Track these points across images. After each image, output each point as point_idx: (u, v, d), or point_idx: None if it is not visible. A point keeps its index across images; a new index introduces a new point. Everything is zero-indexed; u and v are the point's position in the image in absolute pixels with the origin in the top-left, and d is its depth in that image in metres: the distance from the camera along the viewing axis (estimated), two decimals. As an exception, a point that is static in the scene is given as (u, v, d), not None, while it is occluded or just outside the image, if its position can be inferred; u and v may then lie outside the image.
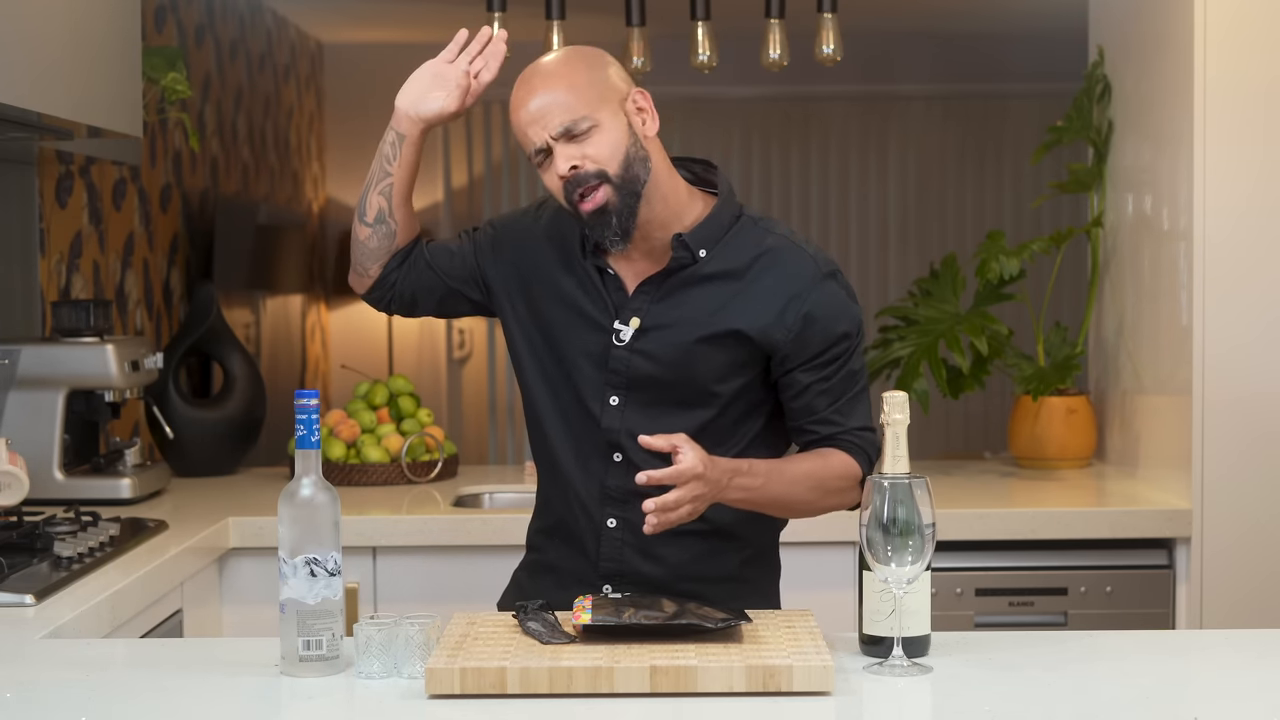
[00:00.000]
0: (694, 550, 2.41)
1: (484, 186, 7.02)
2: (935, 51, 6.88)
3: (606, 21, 3.89)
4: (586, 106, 2.28)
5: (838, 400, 2.39)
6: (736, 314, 2.35)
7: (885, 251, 7.12)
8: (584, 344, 2.39)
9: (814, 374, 2.37)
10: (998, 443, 5.08)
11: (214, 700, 1.99)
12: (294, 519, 2.04)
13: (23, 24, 2.74)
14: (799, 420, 2.40)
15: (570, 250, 2.42)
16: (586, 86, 2.29)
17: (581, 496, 2.42)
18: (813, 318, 2.35)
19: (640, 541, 2.39)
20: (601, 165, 2.28)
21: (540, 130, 2.29)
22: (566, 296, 2.41)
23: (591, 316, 2.39)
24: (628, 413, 2.38)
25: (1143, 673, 2.09)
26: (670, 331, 2.36)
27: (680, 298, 2.36)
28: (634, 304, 2.37)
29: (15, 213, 3.56)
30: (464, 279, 2.50)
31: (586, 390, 2.39)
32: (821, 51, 3.70)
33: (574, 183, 2.28)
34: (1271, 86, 3.42)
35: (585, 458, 2.41)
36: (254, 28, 5.63)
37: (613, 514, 2.41)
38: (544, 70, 2.32)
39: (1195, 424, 3.45)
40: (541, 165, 2.32)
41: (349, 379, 6.32)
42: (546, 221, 2.47)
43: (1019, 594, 3.44)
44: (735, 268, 2.36)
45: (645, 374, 2.37)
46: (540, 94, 2.29)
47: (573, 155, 2.27)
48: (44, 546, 2.78)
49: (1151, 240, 3.73)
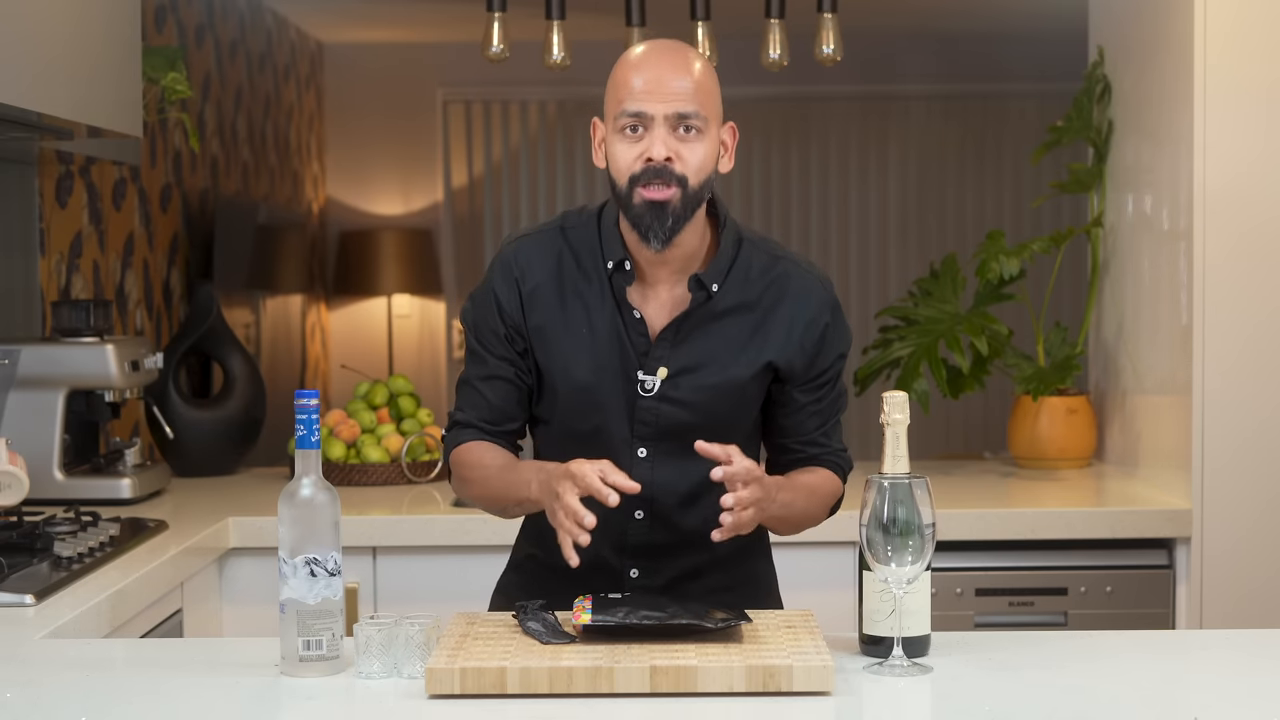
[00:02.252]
0: (713, 575, 2.43)
1: (484, 186, 7.02)
2: (935, 51, 6.88)
3: (606, 21, 3.89)
4: (707, 110, 2.26)
5: (825, 423, 2.41)
6: (763, 346, 2.35)
7: (885, 251, 7.12)
8: (608, 399, 2.33)
9: (810, 394, 2.39)
10: (998, 443, 5.09)
11: (214, 700, 1.99)
12: (294, 519, 2.04)
13: (23, 24, 2.74)
14: (786, 438, 2.41)
15: (588, 302, 2.35)
16: (714, 95, 2.29)
17: (599, 550, 2.34)
18: (825, 340, 2.37)
19: (664, 581, 2.40)
20: (688, 172, 2.25)
21: (659, 103, 2.23)
22: (586, 351, 2.35)
23: (614, 367, 2.34)
24: (657, 465, 2.36)
25: (1143, 673, 2.09)
26: (698, 374, 2.34)
27: (700, 337, 2.34)
28: (658, 351, 2.34)
29: (15, 213, 3.56)
30: (524, 376, 2.41)
31: (613, 445, 2.34)
32: (821, 51, 3.70)
33: (655, 172, 2.24)
34: (1272, 86, 3.42)
35: (606, 515, 2.28)
36: (254, 28, 5.63)
37: (634, 565, 2.40)
38: (687, 56, 2.28)
39: (1195, 424, 3.45)
40: (625, 132, 2.25)
41: (349, 379, 6.33)
42: (543, 274, 2.37)
43: (1019, 594, 3.44)
44: (749, 300, 2.35)
45: (677, 422, 2.33)
46: (681, 73, 2.25)
47: (674, 146, 2.24)
48: (44, 546, 2.78)
49: (1151, 240, 3.73)
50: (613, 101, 2.27)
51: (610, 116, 2.28)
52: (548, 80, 5.35)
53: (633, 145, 2.25)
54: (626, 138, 2.25)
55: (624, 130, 2.25)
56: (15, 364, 3.36)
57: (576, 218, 2.40)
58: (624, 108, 2.25)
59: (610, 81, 2.30)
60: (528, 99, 6.91)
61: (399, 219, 6.92)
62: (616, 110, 2.26)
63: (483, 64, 3.78)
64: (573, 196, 7.03)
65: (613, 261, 2.33)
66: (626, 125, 2.25)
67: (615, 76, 2.29)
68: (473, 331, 2.41)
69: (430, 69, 6.89)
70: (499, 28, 3.63)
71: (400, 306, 6.92)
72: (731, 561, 2.45)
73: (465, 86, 6.92)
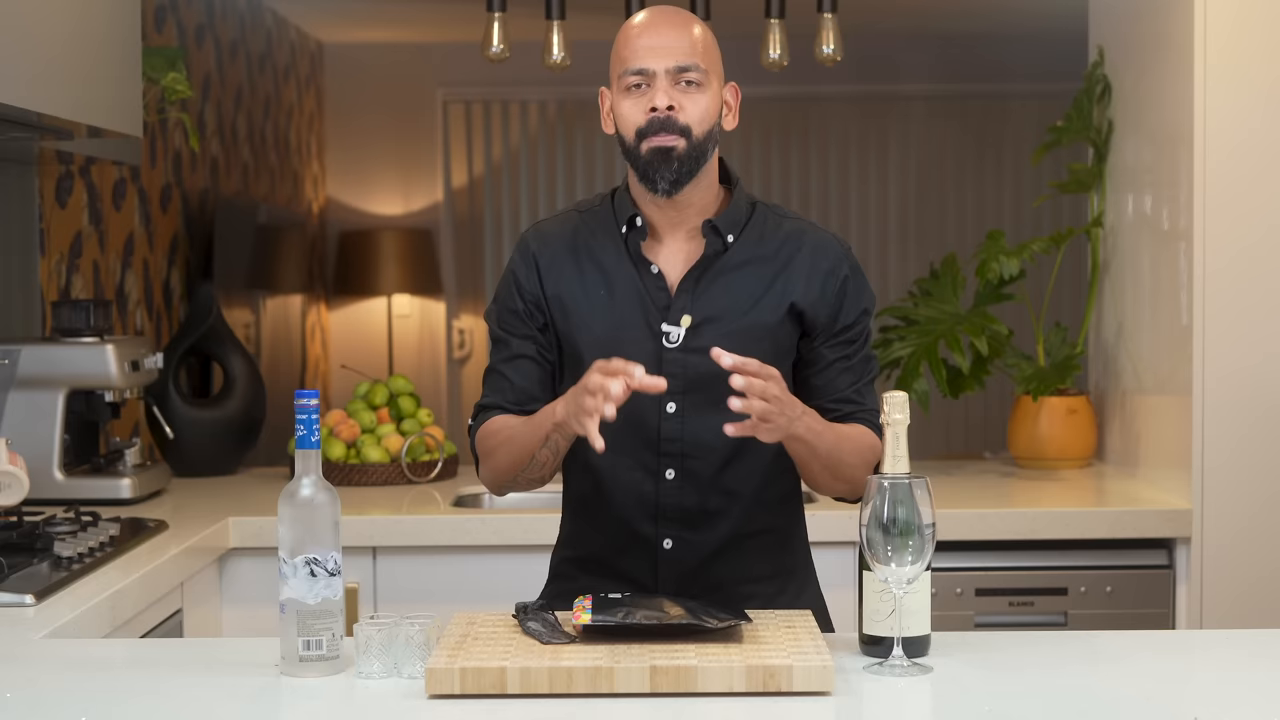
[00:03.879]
0: (748, 553, 2.41)
1: (484, 186, 7.01)
2: (935, 51, 6.88)
3: (606, 21, 3.88)
4: (706, 64, 2.35)
5: (858, 381, 2.42)
6: (784, 292, 2.38)
7: (885, 251, 7.12)
8: (632, 356, 2.28)
9: (839, 350, 2.40)
10: (998, 443, 5.08)
11: (214, 700, 1.99)
12: (294, 519, 2.04)
13: (23, 24, 2.74)
14: (820, 398, 2.40)
15: (605, 266, 2.39)
16: (712, 50, 2.37)
17: (630, 518, 2.37)
18: (846, 290, 2.41)
19: (698, 557, 2.38)
20: (690, 123, 2.32)
21: (659, 59, 2.32)
22: (604, 307, 2.37)
23: (636, 322, 2.36)
24: (686, 420, 2.36)
25: (1143, 673, 2.09)
26: (721, 322, 2.36)
27: (720, 288, 2.37)
28: (679, 302, 2.36)
29: (15, 213, 3.56)
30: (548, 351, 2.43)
31: (641, 402, 2.30)
32: (821, 51, 3.70)
33: (660, 123, 2.31)
34: (1272, 87, 3.42)
35: (637, 480, 2.36)
36: (254, 28, 5.63)
37: (667, 534, 2.39)
38: (686, 17, 2.38)
39: (1195, 424, 3.45)
40: (629, 90, 2.34)
41: (349, 379, 6.32)
42: (560, 245, 2.42)
43: (1019, 594, 3.44)
44: (765, 253, 2.39)
45: (705, 371, 2.31)
46: (677, 30, 2.34)
47: (676, 98, 2.32)
48: (44, 546, 2.78)
49: (1151, 240, 3.73)
50: (617, 63, 2.37)
51: (615, 78, 2.37)
52: (548, 80, 5.34)
53: (637, 100, 2.34)
54: (631, 94, 2.34)
55: (629, 89, 2.34)
56: (15, 364, 3.37)
57: (589, 201, 2.48)
58: (627, 66, 2.34)
59: (614, 48, 2.39)
60: (528, 99, 6.91)
61: (399, 219, 6.92)
62: (620, 70, 2.36)
63: (483, 64, 3.78)
64: (573, 196, 7.02)
65: (626, 221, 2.38)
66: (631, 84, 2.34)
67: (618, 41, 2.38)
68: (495, 320, 2.45)
69: (430, 69, 6.88)
70: (499, 28, 3.64)
71: (400, 306, 6.92)
72: (771, 538, 2.43)
73: (465, 86, 6.92)
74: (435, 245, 6.92)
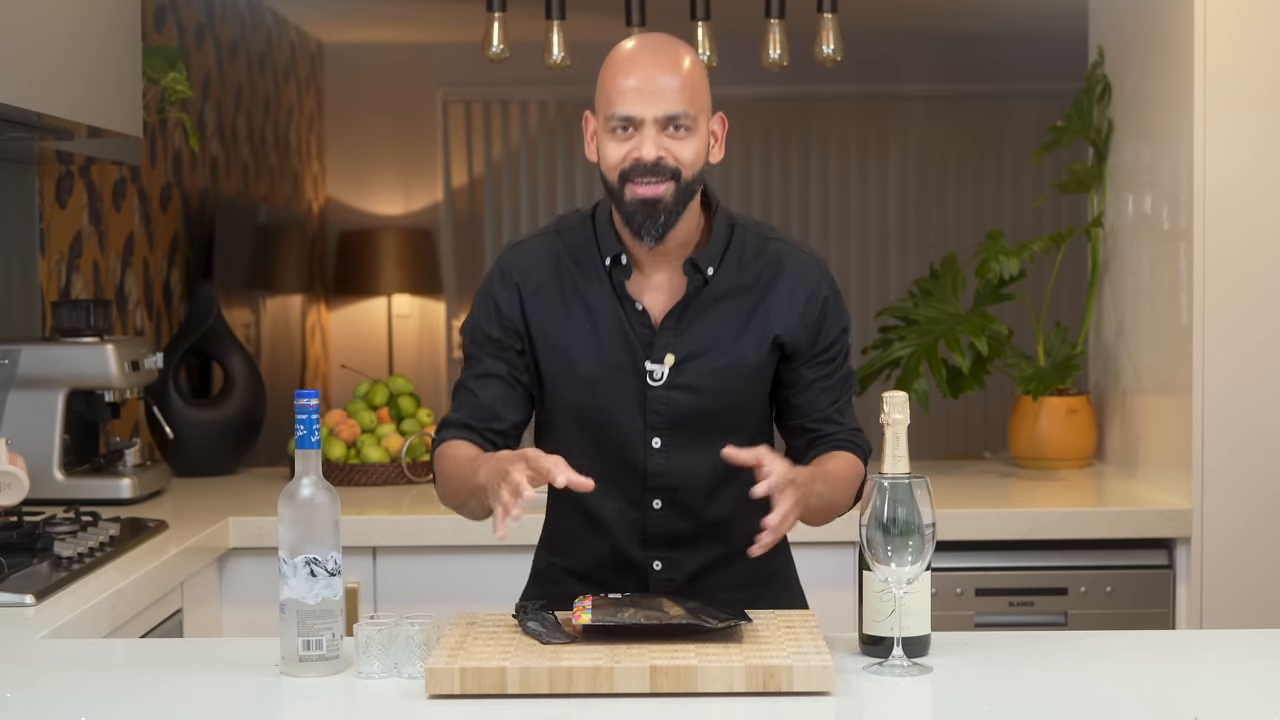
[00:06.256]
0: (736, 565, 2.41)
1: (484, 186, 7.02)
2: (935, 51, 6.88)
3: (606, 21, 3.89)
4: (695, 108, 2.29)
5: (838, 400, 2.42)
6: (765, 324, 2.36)
7: (885, 251, 7.12)
8: (617, 392, 2.34)
9: (818, 370, 2.39)
10: (998, 443, 5.08)
11: (214, 700, 1.99)
12: (294, 519, 2.04)
13: (23, 24, 2.74)
14: (799, 418, 2.41)
15: (589, 300, 2.36)
16: (702, 91, 2.31)
17: (619, 544, 2.39)
18: (826, 313, 2.39)
19: (686, 574, 2.40)
20: (680, 165, 2.28)
21: (647, 105, 2.26)
22: (591, 347, 2.36)
23: (622, 361, 2.35)
24: (673, 454, 2.36)
25: (1143, 673, 2.09)
26: (704, 358, 2.35)
27: (702, 322, 2.35)
28: (662, 340, 2.35)
29: (15, 213, 3.56)
30: (522, 374, 2.41)
31: (626, 438, 2.34)
32: (821, 51, 3.70)
33: (646, 168, 2.26)
34: (1272, 87, 3.42)
35: (623, 509, 2.38)
36: (254, 28, 5.63)
37: (656, 557, 2.40)
38: (672, 53, 2.30)
39: (1195, 424, 3.45)
40: (615, 133, 2.28)
41: (349, 379, 6.32)
42: (543, 276, 2.39)
43: (1019, 594, 3.44)
44: (745, 282, 2.37)
45: (689, 408, 2.34)
46: (666, 74, 2.27)
47: (665, 145, 2.27)
48: (44, 546, 2.78)
49: (1151, 240, 3.73)
50: (603, 101, 2.30)
51: (601, 116, 2.31)
52: (548, 80, 5.34)
53: (622, 144, 2.28)
54: (617, 137, 2.28)
55: (614, 130, 2.28)
56: (15, 364, 3.36)
57: (570, 220, 2.43)
58: (614, 110, 2.27)
59: (600, 79, 2.32)
60: (528, 99, 6.91)
61: (399, 219, 6.92)
62: (607, 111, 2.29)
63: (483, 64, 3.78)
64: (572, 196, 7.03)
65: (610, 257, 2.35)
66: (617, 126, 2.28)
67: (604, 76, 2.31)
68: (469, 336, 2.43)
69: (430, 69, 6.88)
70: (499, 28, 3.64)
71: (400, 306, 6.92)
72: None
73: (465, 86, 6.92)
74: (435, 245, 6.92)
